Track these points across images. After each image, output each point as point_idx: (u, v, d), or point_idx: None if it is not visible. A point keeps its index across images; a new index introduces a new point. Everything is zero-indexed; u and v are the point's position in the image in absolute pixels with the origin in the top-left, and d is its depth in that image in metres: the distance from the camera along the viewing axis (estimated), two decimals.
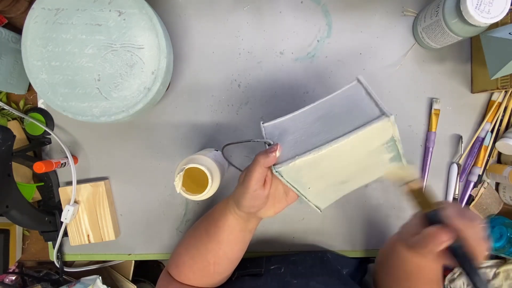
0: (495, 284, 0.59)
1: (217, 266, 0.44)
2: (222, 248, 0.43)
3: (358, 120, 0.33)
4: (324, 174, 0.36)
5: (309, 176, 0.36)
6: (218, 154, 0.53)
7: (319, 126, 0.36)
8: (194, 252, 0.45)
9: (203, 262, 0.44)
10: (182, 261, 0.46)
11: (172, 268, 0.48)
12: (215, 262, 0.44)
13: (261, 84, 0.56)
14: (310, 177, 0.36)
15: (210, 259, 0.43)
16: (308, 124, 0.37)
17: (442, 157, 0.57)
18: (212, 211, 0.47)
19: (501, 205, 0.57)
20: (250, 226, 0.43)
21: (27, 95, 0.57)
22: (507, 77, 0.48)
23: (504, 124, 0.56)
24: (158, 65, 0.45)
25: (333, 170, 0.36)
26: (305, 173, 0.36)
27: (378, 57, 0.56)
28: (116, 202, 0.58)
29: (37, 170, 0.49)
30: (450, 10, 0.45)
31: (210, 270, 0.44)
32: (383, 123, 0.32)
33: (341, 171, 0.37)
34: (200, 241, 0.44)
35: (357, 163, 0.36)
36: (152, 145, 0.57)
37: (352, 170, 0.37)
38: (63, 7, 0.44)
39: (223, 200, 0.45)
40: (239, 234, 0.43)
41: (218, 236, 0.42)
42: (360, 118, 0.33)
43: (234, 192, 0.40)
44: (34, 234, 0.61)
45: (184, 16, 0.55)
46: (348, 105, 0.36)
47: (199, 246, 0.44)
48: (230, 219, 0.41)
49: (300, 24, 0.55)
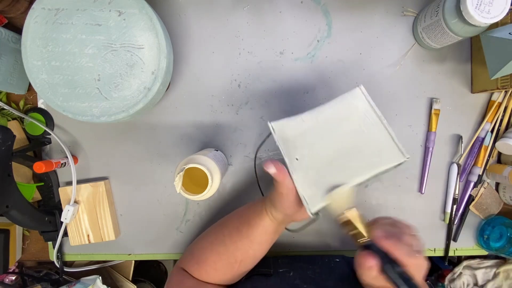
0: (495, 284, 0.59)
1: (243, 264, 0.45)
2: (252, 247, 0.43)
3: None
4: (311, 145, 0.38)
5: (297, 144, 0.38)
6: (218, 154, 0.53)
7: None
8: (221, 249, 0.45)
9: (230, 259, 0.44)
10: (204, 257, 0.46)
11: (191, 263, 0.47)
12: (242, 260, 0.44)
13: (261, 84, 0.56)
14: (299, 145, 0.38)
15: (238, 256, 0.44)
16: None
17: (442, 157, 0.57)
18: (243, 211, 0.47)
19: (501, 205, 0.57)
20: (281, 228, 0.45)
21: (27, 95, 0.57)
22: (507, 77, 0.48)
23: (504, 124, 0.56)
24: (158, 65, 0.45)
25: (319, 143, 0.38)
26: (294, 139, 0.38)
27: (378, 57, 0.56)
28: (116, 202, 0.58)
29: (37, 170, 0.49)
30: (450, 10, 0.45)
31: (235, 267, 0.44)
32: (353, 91, 0.38)
33: (327, 147, 0.38)
34: (230, 239, 0.44)
35: (341, 141, 0.37)
36: (152, 145, 0.57)
37: (338, 149, 0.37)
38: (63, 7, 0.44)
39: (257, 200, 0.46)
40: (271, 236, 0.44)
41: (251, 235, 0.43)
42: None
43: (270, 197, 0.41)
44: (34, 234, 0.61)
45: (184, 16, 0.55)
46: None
47: (228, 244, 0.44)
48: (265, 219, 0.42)
49: (300, 24, 0.55)
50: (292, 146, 0.38)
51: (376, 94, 0.56)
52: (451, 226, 0.57)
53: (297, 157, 0.37)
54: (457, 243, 0.58)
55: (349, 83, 0.56)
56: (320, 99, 0.56)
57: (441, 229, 0.58)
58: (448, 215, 0.57)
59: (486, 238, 0.56)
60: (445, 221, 0.57)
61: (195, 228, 0.58)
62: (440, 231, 0.58)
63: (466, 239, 0.58)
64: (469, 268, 0.61)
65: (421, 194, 0.57)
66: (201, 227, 0.58)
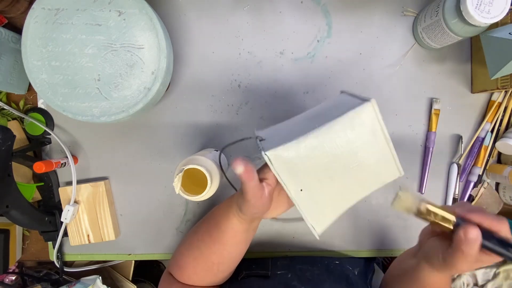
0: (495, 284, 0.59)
1: (221, 266, 0.44)
2: (226, 249, 0.43)
3: (343, 110, 0.34)
4: (317, 170, 0.34)
5: (300, 172, 0.34)
6: (218, 155, 0.53)
7: (310, 123, 0.36)
8: (196, 253, 0.45)
9: (207, 263, 0.44)
10: (184, 262, 0.46)
11: (174, 269, 0.48)
12: (219, 262, 0.44)
13: (261, 84, 0.56)
14: (301, 174, 0.34)
15: (214, 260, 0.44)
16: (299, 124, 0.38)
17: (442, 157, 0.57)
18: (213, 214, 0.47)
19: (501, 205, 0.57)
20: (253, 225, 0.43)
21: (27, 95, 0.57)
22: (507, 77, 0.48)
23: (504, 124, 0.56)
24: (158, 65, 0.45)
25: (326, 165, 0.34)
26: (296, 167, 0.34)
27: (378, 57, 0.56)
28: (116, 202, 0.58)
29: (37, 170, 0.49)
30: (450, 10, 0.45)
31: (214, 270, 0.44)
32: (364, 106, 0.33)
33: (331, 171, 0.34)
34: (203, 243, 0.44)
35: (346, 163, 0.34)
36: (152, 145, 0.57)
37: (342, 171, 0.35)
38: (63, 7, 0.44)
39: (224, 202, 0.45)
40: (243, 235, 0.42)
41: (222, 239, 0.42)
42: (345, 109, 0.34)
43: (237, 197, 0.39)
44: (34, 234, 0.61)
45: (184, 16, 0.55)
46: (336, 105, 0.37)
47: (202, 248, 0.44)
48: (234, 222, 0.41)
49: (300, 24, 0.55)
50: (292, 172, 0.34)
51: (376, 94, 0.56)
52: None
53: (302, 189, 0.34)
54: None
55: (349, 83, 0.56)
56: (320, 99, 0.56)
57: None
58: None
59: None
60: None
61: None
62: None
63: None
64: None
65: (421, 194, 0.57)
66: None
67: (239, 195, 0.37)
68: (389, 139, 0.35)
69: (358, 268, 0.53)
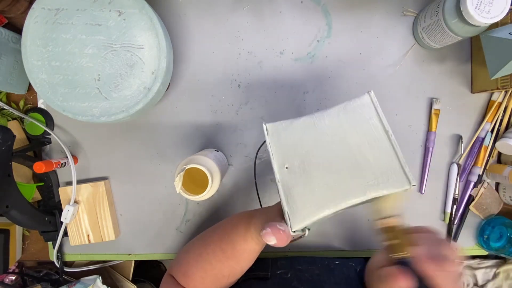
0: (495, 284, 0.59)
1: (231, 278, 0.44)
2: (239, 265, 0.42)
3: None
4: (305, 155, 0.33)
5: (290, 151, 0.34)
6: (219, 155, 0.53)
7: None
8: (207, 266, 0.44)
9: (217, 276, 0.44)
10: (191, 271, 0.45)
11: (179, 275, 0.47)
12: (230, 275, 0.43)
13: (261, 84, 0.56)
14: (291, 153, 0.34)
15: (225, 273, 0.43)
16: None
17: (442, 157, 0.57)
18: (226, 230, 0.44)
19: (501, 205, 0.57)
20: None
21: (27, 95, 0.57)
22: (507, 77, 0.48)
23: (504, 124, 0.56)
24: (158, 65, 0.45)
25: (314, 154, 0.33)
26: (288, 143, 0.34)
27: (378, 57, 0.56)
28: (116, 202, 0.58)
29: (37, 170, 0.49)
30: (450, 10, 0.45)
31: (223, 281, 0.44)
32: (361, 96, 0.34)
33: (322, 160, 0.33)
34: (215, 258, 0.43)
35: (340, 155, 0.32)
36: (152, 145, 0.57)
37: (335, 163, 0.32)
38: (63, 7, 0.44)
39: (240, 220, 0.42)
40: (258, 253, 0.42)
41: (237, 257, 0.42)
42: None
43: (257, 224, 0.37)
44: (34, 234, 0.61)
45: (184, 16, 0.55)
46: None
47: (214, 262, 0.43)
48: (251, 244, 0.40)
49: (300, 24, 0.55)
50: (284, 152, 0.34)
51: (376, 94, 0.56)
52: (451, 226, 0.57)
53: (287, 166, 0.33)
54: (457, 243, 0.58)
55: (349, 83, 0.56)
56: (320, 99, 0.56)
57: (441, 229, 0.58)
58: (448, 215, 0.57)
59: (486, 238, 0.56)
60: (445, 221, 0.57)
61: (195, 228, 0.58)
62: (440, 231, 0.58)
63: (466, 239, 0.58)
64: (469, 268, 0.61)
65: (421, 194, 0.57)
66: (201, 227, 0.58)
67: (259, 222, 0.36)
68: (391, 134, 0.32)
69: (359, 267, 0.53)
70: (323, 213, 0.30)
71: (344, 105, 0.34)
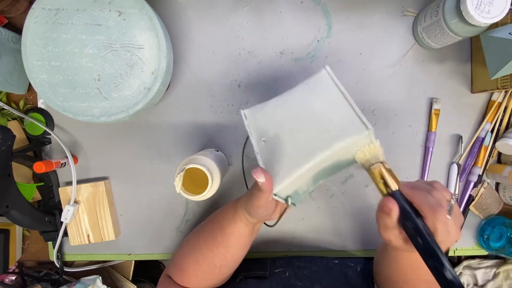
0: (495, 284, 0.59)
1: (223, 268, 0.45)
2: (230, 252, 0.43)
3: None
4: (282, 126, 0.38)
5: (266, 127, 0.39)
6: (219, 155, 0.53)
7: None
8: (199, 256, 0.45)
9: (209, 266, 0.44)
10: (185, 265, 0.46)
11: (174, 271, 0.48)
12: (222, 265, 0.44)
13: (261, 84, 0.56)
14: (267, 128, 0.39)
15: (217, 262, 0.44)
16: None
17: (442, 157, 0.57)
18: (215, 218, 0.47)
19: (501, 205, 0.57)
20: (257, 228, 0.44)
21: (27, 95, 0.57)
22: (507, 77, 0.48)
23: (504, 124, 0.56)
24: (158, 65, 0.45)
25: (285, 125, 0.38)
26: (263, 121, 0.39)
27: (378, 57, 0.56)
28: (116, 202, 0.58)
29: (37, 170, 0.49)
30: (450, 10, 0.45)
31: (215, 272, 0.45)
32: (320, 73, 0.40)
33: (292, 128, 0.37)
34: (206, 246, 0.44)
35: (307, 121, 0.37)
36: (152, 145, 0.57)
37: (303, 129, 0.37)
38: (63, 7, 0.44)
39: (226, 207, 0.45)
40: (247, 238, 0.44)
41: (227, 242, 0.43)
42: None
43: (244, 202, 0.40)
44: (34, 234, 0.61)
45: (184, 16, 0.55)
46: None
47: (205, 251, 0.44)
48: (239, 225, 0.42)
49: (300, 24, 0.55)
50: (260, 129, 0.39)
51: (376, 94, 0.56)
52: None
53: (264, 140, 0.38)
54: (457, 243, 0.58)
55: (349, 83, 0.56)
56: None
57: None
58: None
59: (486, 238, 0.56)
60: None
61: None
62: None
63: (466, 239, 0.58)
64: (469, 268, 0.61)
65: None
66: None
67: (247, 200, 0.38)
68: (347, 94, 0.37)
69: (359, 266, 0.53)
70: (298, 171, 0.34)
71: (307, 81, 0.40)
